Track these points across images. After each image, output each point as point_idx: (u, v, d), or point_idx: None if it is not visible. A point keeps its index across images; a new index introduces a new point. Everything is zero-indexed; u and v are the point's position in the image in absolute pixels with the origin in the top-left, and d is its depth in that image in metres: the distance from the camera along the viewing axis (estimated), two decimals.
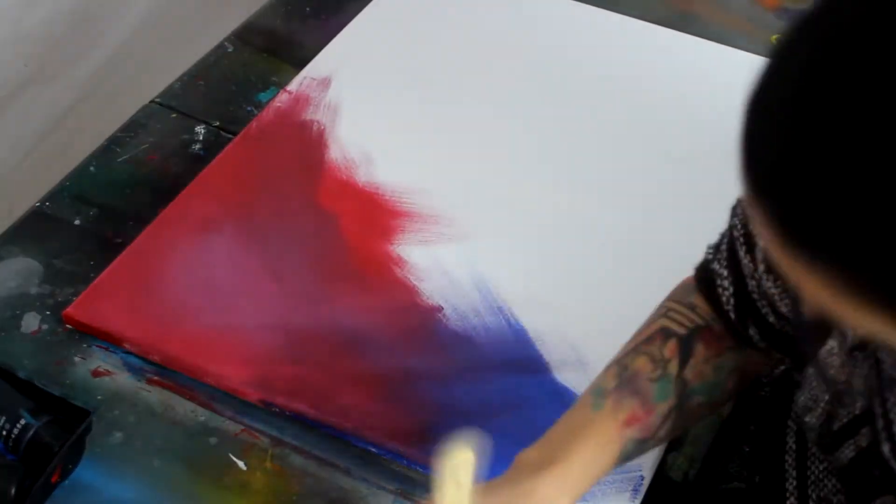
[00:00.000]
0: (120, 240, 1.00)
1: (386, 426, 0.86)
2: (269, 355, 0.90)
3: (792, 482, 0.79)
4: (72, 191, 1.05)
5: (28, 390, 0.88)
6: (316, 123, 1.11)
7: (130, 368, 0.91)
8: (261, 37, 1.23)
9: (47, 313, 0.94)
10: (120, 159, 1.08)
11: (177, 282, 0.95)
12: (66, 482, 0.83)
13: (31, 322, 0.93)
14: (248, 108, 1.14)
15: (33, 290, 0.96)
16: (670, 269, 0.85)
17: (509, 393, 0.88)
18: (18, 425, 0.84)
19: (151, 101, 1.14)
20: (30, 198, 1.05)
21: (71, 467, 0.83)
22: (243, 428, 0.87)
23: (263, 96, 1.15)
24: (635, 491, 0.83)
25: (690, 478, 0.85)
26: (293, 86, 1.14)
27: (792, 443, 0.80)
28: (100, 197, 1.04)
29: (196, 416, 0.88)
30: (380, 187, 1.04)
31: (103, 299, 0.94)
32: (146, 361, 0.91)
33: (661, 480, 0.85)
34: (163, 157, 1.08)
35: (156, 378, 0.90)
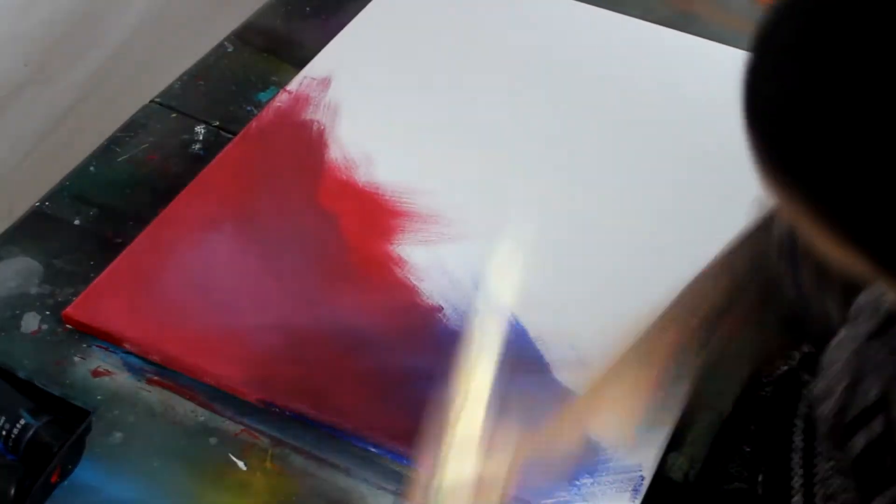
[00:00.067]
0: (120, 240, 1.00)
1: (386, 426, 0.86)
2: (269, 355, 0.90)
3: (798, 480, 0.80)
4: (72, 191, 1.05)
5: (28, 390, 0.88)
6: (316, 123, 1.11)
7: (130, 368, 0.91)
8: (261, 37, 1.23)
9: (47, 313, 0.94)
10: (120, 159, 1.08)
11: (176, 282, 0.95)
12: (66, 482, 0.83)
13: (30, 322, 0.93)
14: (248, 108, 1.14)
15: (33, 290, 0.96)
16: (671, 268, 0.84)
17: (509, 392, 0.88)
18: (18, 425, 0.84)
19: (151, 101, 1.14)
20: (30, 198, 1.05)
21: (71, 467, 0.83)
22: (243, 428, 0.87)
23: (263, 96, 1.15)
24: (635, 491, 0.83)
25: (691, 478, 0.85)
26: (293, 86, 1.14)
27: (799, 441, 0.81)
28: (100, 197, 1.04)
29: (196, 416, 0.88)
30: (380, 187, 1.04)
31: (103, 299, 0.93)
32: (146, 361, 0.91)
33: (661, 481, 0.85)
34: (163, 157, 1.08)
35: (156, 378, 0.90)
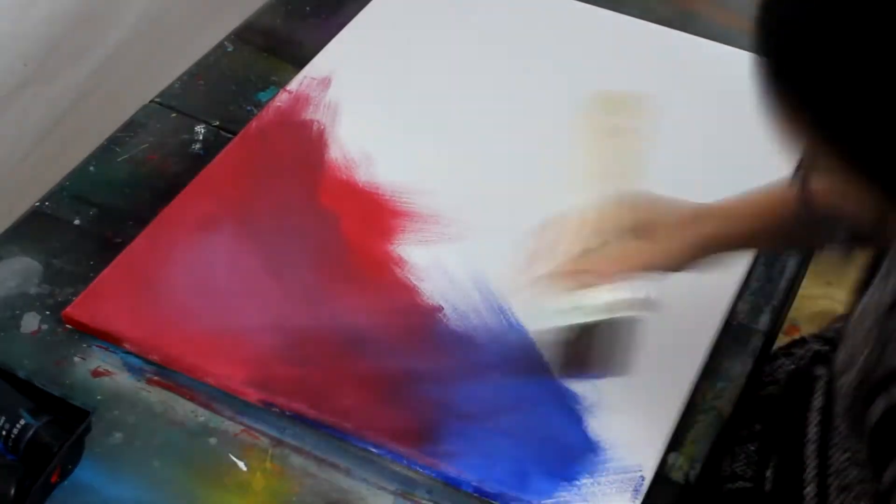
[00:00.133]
0: (120, 240, 1.00)
1: (386, 426, 0.85)
2: (270, 355, 0.90)
3: (812, 471, 0.81)
4: (71, 190, 1.05)
5: (28, 390, 0.88)
6: (316, 123, 1.11)
7: (130, 368, 0.90)
8: (261, 36, 1.23)
9: (47, 313, 0.94)
10: (120, 159, 1.08)
11: (176, 282, 0.95)
12: (66, 482, 0.83)
13: (30, 322, 0.93)
14: (248, 108, 1.14)
15: (33, 290, 0.96)
16: None
17: (509, 393, 0.88)
18: (18, 425, 0.84)
19: (151, 101, 1.14)
20: (30, 197, 1.05)
21: (70, 467, 0.83)
22: (243, 428, 0.87)
23: (263, 96, 1.15)
24: (636, 492, 0.83)
25: (691, 478, 0.85)
26: (293, 85, 1.14)
27: (814, 433, 0.83)
28: (99, 197, 1.04)
29: (196, 416, 0.88)
30: (380, 187, 1.04)
31: (103, 299, 0.93)
32: (146, 361, 0.91)
33: (662, 481, 0.85)
34: (162, 157, 1.08)
35: (156, 378, 0.90)
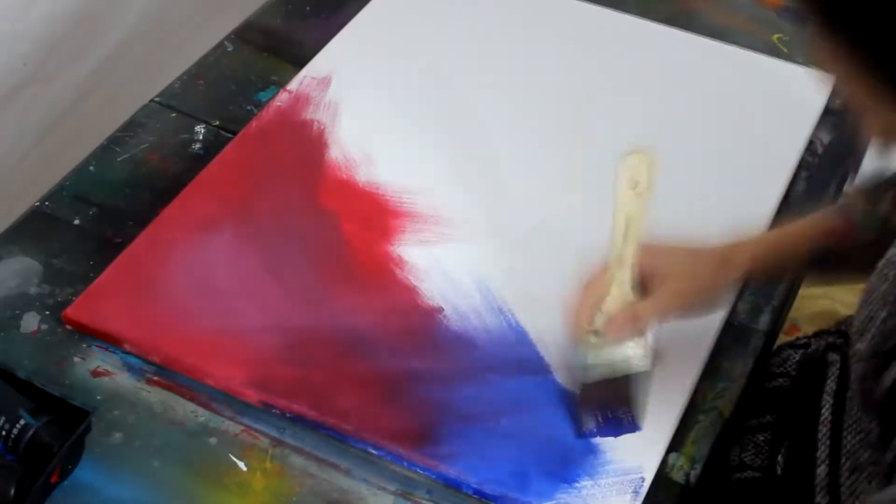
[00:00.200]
0: (120, 240, 1.00)
1: (386, 427, 0.85)
2: (269, 356, 0.90)
3: (824, 451, 0.83)
4: (71, 190, 1.04)
5: (28, 390, 0.88)
6: (316, 123, 1.11)
7: (130, 368, 0.90)
8: (261, 36, 1.23)
9: (47, 313, 0.94)
10: (120, 159, 1.08)
11: (176, 282, 0.95)
12: (66, 482, 0.83)
13: (30, 322, 0.93)
14: (248, 108, 1.14)
15: (33, 290, 0.96)
16: None
17: (510, 394, 0.88)
18: (18, 425, 0.84)
19: (151, 101, 1.14)
20: (29, 197, 1.04)
21: (70, 468, 0.83)
22: (243, 428, 0.87)
23: (263, 95, 1.15)
24: (636, 493, 0.83)
25: (692, 479, 0.85)
26: (293, 85, 1.14)
27: (827, 414, 0.84)
28: (99, 196, 1.04)
29: (196, 416, 0.87)
30: (380, 187, 1.04)
31: (103, 300, 0.93)
32: (146, 361, 0.91)
33: (662, 482, 0.85)
34: (162, 157, 1.08)
35: (156, 378, 0.90)
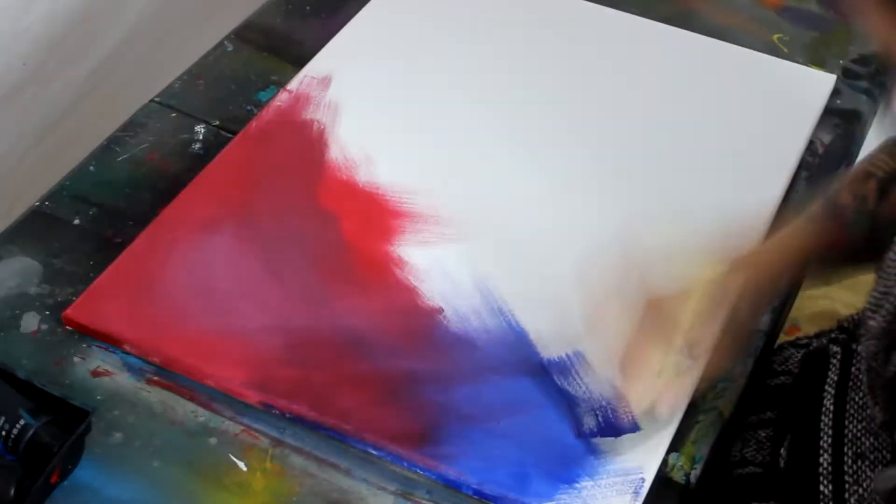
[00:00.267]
0: (120, 240, 1.00)
1: (386, 428, 0.85)
2: (270, 356, 0.90)
3: (827, 440, 0.83)
4: (71, 190, 1.04)
5: (27, 390, 0.88)
6: (316, 123, 1.10)
7: (130, 368, 0.90)
8: (261, 35, 1.23)
9: (46, 313, 0.94)
10: (119, 159, 1.08)
11: (176, 283, 0.95)
12: (66, 483, 0.83)
13: (30, 322, 0.93)
14: (248, 108, 1.14)
15: (32, 290, 0.96)
16: (674, 268, 0.85)
17: (510, 395, 0.88)
18: (18, 425, 0.84)
19: (151, 101, 1.14)
20: (29, 197, 1.04)
21: (70, 468, 0.83)
22: (243, 428, 0.87)
23: (263, 95, 1.15)
24: (636, 493, 0.83)
25: (692, 479, 0.85)
26: (293, 85, 1.14)
27: (829, 404, 0.86)
28: (99, 196, 1.04)
29: (196, 416, 0.87)
30: (380, 187, 1.04)
31: (102, 301, 0.93)
32: (146, 361, 0.91)
33: (662, 482, 0.85)
34: (162, 157, 1.08)
35: (156, 378, 0.90)
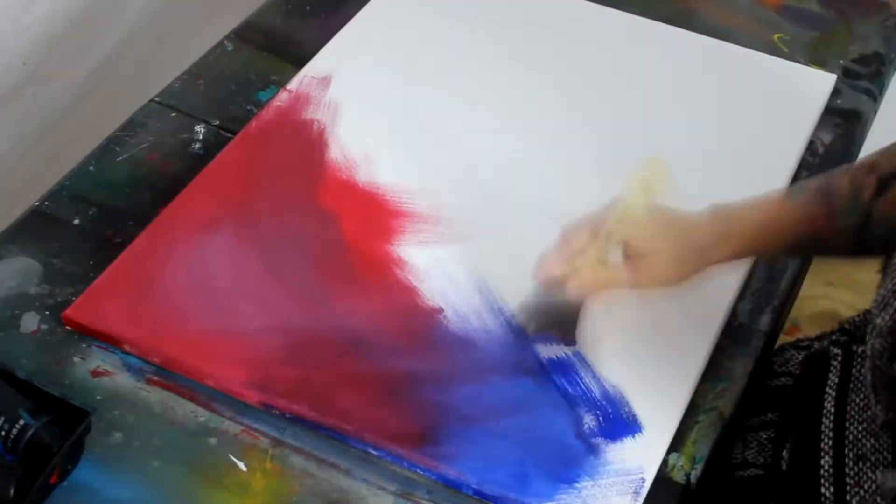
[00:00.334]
0: (119, 239, 1.00)
1: (386, 428, 0.85)
2: (270, 356, 0.90)
3: (828, 442, 0.83)
4: (71, 190, 1.04)
5: (27, 390, 0.88)
6: (316, 122, 1.10)
7: (130, 368, 0.90)
8: (261, 35, 1.22)
9: (46, 313, 0.94)
10: (119, 158, 1.08)
11: (176, 283, 0.95)
12: (65, 483, 0.83)
13: (30, 322, 0.93)
14: (248, 107, 1.14)
15: (32, 290, 0.96)
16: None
17: (510, 395, 0.88)
18: (17, 425, 0.84)
19: (151, 101, 1.14)
20: (29, 197, 1.04)
21: (70, 468, 0.83)
22: (243, 428, 0.87)
23: (263, 95, 1.15)
24: (636, 493, 0.83)
25: (692, 479, 0.85)
26: (293, 84, 1.14)
27: (830, 406, 0.85)
28: (99, 196, 1.04)
29: (196, 416, 0.87)
30: (380, 187, 1.04)
31: (102, 301, 0.93)
32: (146, 361, 0.91)
33: (663, 482, 0.84)
34: (162, 157, 1.08)
35: (155, 378, 0.90)
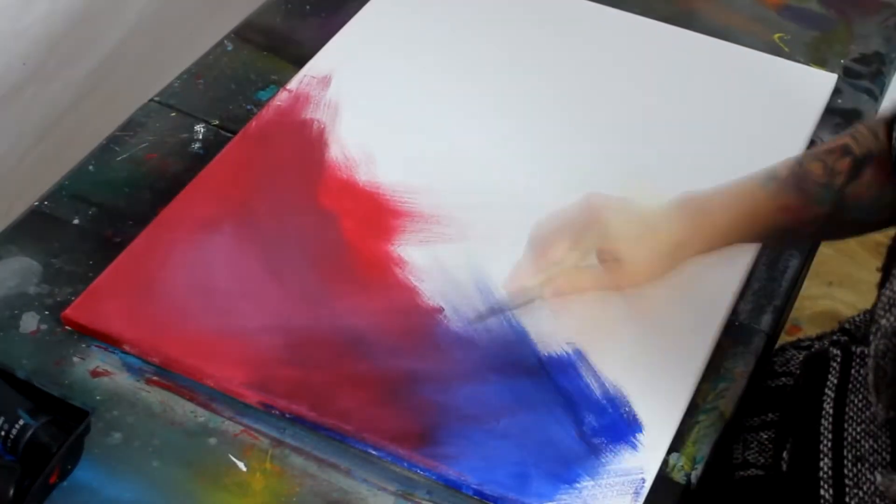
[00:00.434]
0: (119, 239, 0.99)
1: (386, 428, 0.85)
2: (269, 356, 0.90)
3: (827, 444, 0.83)
4: (71, 190, 1.04)
5: (27, 390, 0.87)
6: (316, 122, 1.10)
7: (129, 368, 0.90)
8: (261, 35, 1.22)
9: (46, 313, 0.94)
10: (119, 158, 1.08)
11: (176, 283, 0.95)
12: (65, 483, 0.83)
13: (29, 322, 0.93)
14: (248, 107, 1.13)
15: (32, 290, 0.96)
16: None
17: (510, 394, 0.88)
18: (17, 426, 0.84)
19: (150, 100, 1.14)
20: (29, 197, 1.04)
21: (69, 468, 0.83)
22: (243, 428, 0.87)
23: (263, 95, 1.15)
24: (636, 493, 0.82)
25: (693, 479, 0.85)
26: (293, 84, 1.14)
27: (829, 408, 0.85)
28: (99, 196, 1.04)
29: (196, 416, 0.87)
30: (380, 187, 1.04)
31: (102, 301, 0.93)
32: (146, 362, 0.90)
33: (663, 482, 0.84)
34: (162, 156, 1.08)
35: (155, 378, 0.90)
